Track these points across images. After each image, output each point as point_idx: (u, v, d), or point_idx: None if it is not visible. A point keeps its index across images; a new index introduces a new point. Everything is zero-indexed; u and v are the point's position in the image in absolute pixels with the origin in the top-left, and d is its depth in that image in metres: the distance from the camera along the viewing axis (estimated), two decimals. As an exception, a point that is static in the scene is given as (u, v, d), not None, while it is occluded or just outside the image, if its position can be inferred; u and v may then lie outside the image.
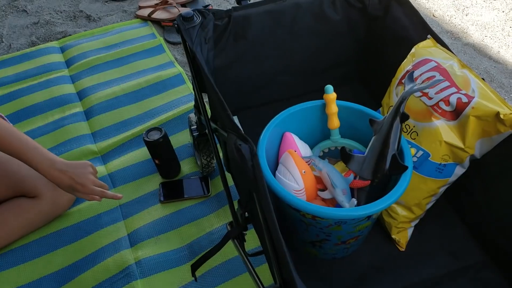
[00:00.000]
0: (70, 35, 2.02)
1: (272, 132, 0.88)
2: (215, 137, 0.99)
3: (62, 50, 1.94)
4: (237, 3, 1.21)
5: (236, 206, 0.90)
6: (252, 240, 1.22)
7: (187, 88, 1.71)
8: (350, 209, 0.74)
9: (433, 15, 2.13)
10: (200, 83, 1.01)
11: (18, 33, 2.04)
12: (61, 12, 2.16)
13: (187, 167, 1.46)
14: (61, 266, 1.23)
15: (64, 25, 2.08)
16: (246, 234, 0.91)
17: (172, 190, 1.39)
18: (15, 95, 1.71)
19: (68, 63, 1.87)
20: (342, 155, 0.83)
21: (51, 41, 1.99)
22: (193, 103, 1.63)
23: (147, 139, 1.33)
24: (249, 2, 1.22)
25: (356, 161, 0.82)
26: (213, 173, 1.42)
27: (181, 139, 1.53)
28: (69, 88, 1.74)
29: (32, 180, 1.28)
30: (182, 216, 1.32)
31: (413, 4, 1.36)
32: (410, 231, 0.99)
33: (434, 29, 1.95)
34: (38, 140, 1.54)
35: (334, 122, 0.92)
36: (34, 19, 2.11)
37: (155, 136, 1.34)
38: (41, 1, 2.22)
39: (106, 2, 2.22)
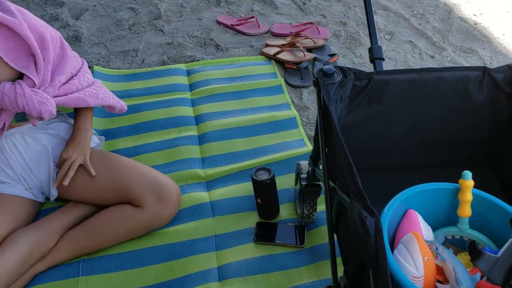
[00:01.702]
0: (198, 60, 2.12)
1: (396, 207, 0.84)
2: (328, 193, 0.97)
3: (188, 73, 2.04)
4: (370, 61, 1.20)
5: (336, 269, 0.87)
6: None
7: (299, 133, 1.72)
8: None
9: None
10: (326, 138, 1.00)
11: (152, 50, 2.19)
12: (193, 37, 2.29)
13: (285, 211, 1.45)
14: (151, 282, 1.26)
15: (194, 50, 2.20)
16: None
17: (266, 232, 1.38)
18: (140, 107, 1.82)
19: (192, 86, 1.96)
20: (471, 250, 0.77)
21: (179, 63, 2.11)
22: (303, 149, 1.63)
23: (255, 178, 1.34)
24: (383, 62, 1.20)
25: (487, 260, 0.75)
26: (311, 224, 1.39)
27: (284, 182, 1.53)
28: (188, 111, 1.82)
29: (139, 190, 1.34)
30: (273, 262, 1.31)
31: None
32: None
33: None
34: (152, 155, 1.61)
35: (466, 211, 0.86)
36: (169, 40, 2.26)
37: (263, 176, 1.35)
38: (177, 24, 2.37)
39: (235, 34, 2.32)
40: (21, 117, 1.34)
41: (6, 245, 1.21)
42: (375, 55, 1.18)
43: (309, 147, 1.65)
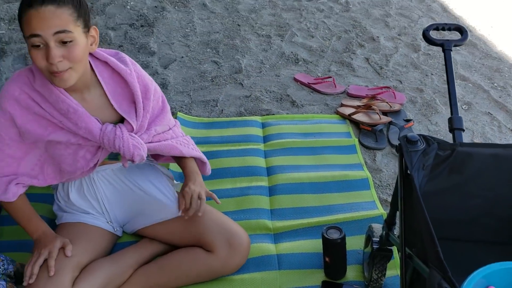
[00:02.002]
0: (273, 114, 2.20)
1: (477, 283, 0.83)
2: (403, 259, 0.97)
3: (263, 125, 2.12)
4: (450, 131, 1.20)
5: None
6: None
7: (371, 195, 1.72)
8: None
9: None
10: (405, 204, 1.01)
11: (231, 102, 2.30)
12: (270, 92, 2.38)
13: (352, 273, 1.44)
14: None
15: (270, 104, 2.29)
16: None
17: (331, 292, 1.37)
18: (216, 154, 1.90)
19: (266, 138, 2.03)
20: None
21: (256, 115, 2.20)
22: (374, 211, 1.62)
23: (326, 236, 1.35)
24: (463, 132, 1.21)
25: None
26: (378, 289, 1.37)
27: (353, 243, 1.52)
28: (261, 162, 1.88)
29: (212, 236, 1.38)
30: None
31: None
32: None
33: None
34: (223, 201, 1.66)
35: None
36: (247, 93, 2.37)
37: (334, 235, 1.36)
38: (256, 78, 2.49)
39: (311, 92, 2.39)
40: (114, 156, 1.44)
41: (84, 274, 1.28)
42: (455, 126, 1.19)
43: (380, 210, 1.64)
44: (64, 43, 1.12)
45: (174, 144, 1.43)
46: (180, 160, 1.49)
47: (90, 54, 1.26)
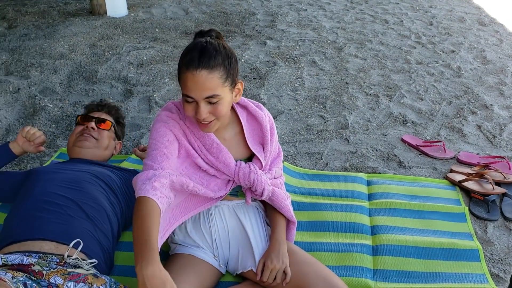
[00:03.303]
0: (379, 172, 2.19)
1: None
2: None
3: (368, 183, 2.11)
4: None
5: None
6: None
7: (481, 267, 1.62)
8: None
9: None
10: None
11: (336, 156, 2.33)
12: (376, 151, 2.38)
13: None
14: None
15: (376, 162, 2.28)
16: None
17: None
18: (319, 206, 1.92)
19: (371, 196, 2.01)
20: None
21: (361, 172, 2.20)
22: (484, 285, 1.53)
23: (435, 303, 1.30)
24: None
25: None
26: None
27: (460, 317, 1.44)
28: (365, 219, 1.86)
29: (311, 282, 1.38)
30: None
31: None
32: None
33: None
34: (325, 255, 1.67)
35: None
36: (352, 149, 2.38)
37: (443, 303, 1.30)
38: (362, 136, 2.51)
39: (419, 155, 2.35)
40: (235, 192, 1.53)
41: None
42: None
43: (491, 284, 1.54)
44: (211, 102, 1.31)
45: (284, 197, 1.54)
46: (272, 217, 1.56)
47: None
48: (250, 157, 1.51)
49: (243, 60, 3.43)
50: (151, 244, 1.16)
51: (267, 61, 3.43)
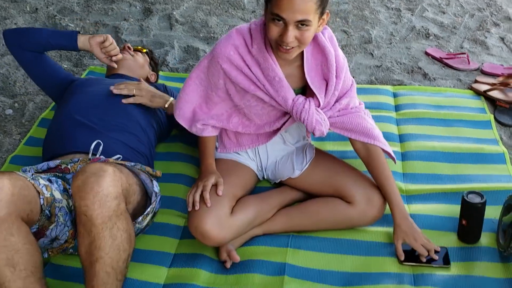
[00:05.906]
0: (405, 84, 2.23)
1: None
2: None
3: (395, 95, 2.15)
4: None
5: None
6: None
7: (506, 169, 1.71)
8: None
9: None
10: None
11: (361, 70, 2.36)
12: (400, 64, 2.40)
13: (485, 240, 1.46)
14: (348, 269, 1.39)
15: (401, 75, 2.31)
16: None
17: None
18: (348, 117, 1.98)
19: (398, 107, 2.07)
20: None
21: (387, 84, 2.24)
22: (510, 184, 1.62)
23: (467, 200, 1.39)
24: None
25: None
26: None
27: (487, 212, 1.53)
28: (393, 128, 1.93)
29: (351, 188, 1.48)
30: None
31: None
32: None
33: None
34: (357, 162, 1.74)
35: None
36: (377, 63, 2.40)
37: (475, 199, 1.39)
38: (386, 50, 2.51)
39: (443, 67, 2.37)
40: None
41: (239, 205, 1.44)
42: None
43: (516, 184, 1.63)
44: (300, 27, 1.22)
45: (360, 115, 1.47)
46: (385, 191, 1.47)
47: None
48: (305, 87, 1.42)
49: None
50: (210, 157, 1.52)
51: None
